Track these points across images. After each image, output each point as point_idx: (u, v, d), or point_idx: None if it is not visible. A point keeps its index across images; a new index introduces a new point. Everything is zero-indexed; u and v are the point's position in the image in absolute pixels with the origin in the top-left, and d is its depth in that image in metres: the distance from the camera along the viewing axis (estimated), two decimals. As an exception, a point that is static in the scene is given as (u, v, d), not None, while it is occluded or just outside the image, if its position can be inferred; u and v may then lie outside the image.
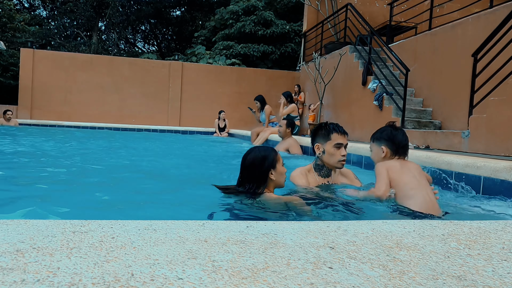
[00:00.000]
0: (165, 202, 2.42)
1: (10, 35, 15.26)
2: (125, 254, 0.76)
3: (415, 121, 6.25)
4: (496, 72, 4.55)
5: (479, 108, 4.65)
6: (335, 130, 2.60)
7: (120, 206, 2.27)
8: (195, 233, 0.95)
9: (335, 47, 9.18)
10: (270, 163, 2.18)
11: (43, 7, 22.59)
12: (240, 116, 12.08)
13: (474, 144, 4.37)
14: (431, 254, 0.87)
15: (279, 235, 0.96)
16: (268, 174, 2.18)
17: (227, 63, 13.82)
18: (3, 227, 0.91)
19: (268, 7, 16.08)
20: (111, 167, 3.95)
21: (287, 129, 5.63)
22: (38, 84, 11.48)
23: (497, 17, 5.17)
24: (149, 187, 2.94)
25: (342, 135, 2.60)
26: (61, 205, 2.18)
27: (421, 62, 7.08)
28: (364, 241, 0.95)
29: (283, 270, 0.72)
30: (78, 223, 0.98)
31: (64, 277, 0.64)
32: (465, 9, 6.91)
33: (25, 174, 3.27)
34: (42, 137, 7.29)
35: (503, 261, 0.85)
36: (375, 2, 10.51)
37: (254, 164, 2.18)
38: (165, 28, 24.30)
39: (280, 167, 2.24)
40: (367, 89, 7.36)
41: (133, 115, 12.03)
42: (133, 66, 12.24)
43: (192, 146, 7.35)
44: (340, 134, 2.59)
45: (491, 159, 3.02)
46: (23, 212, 1.94)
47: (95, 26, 20.48)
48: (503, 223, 1.24)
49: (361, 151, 4.21)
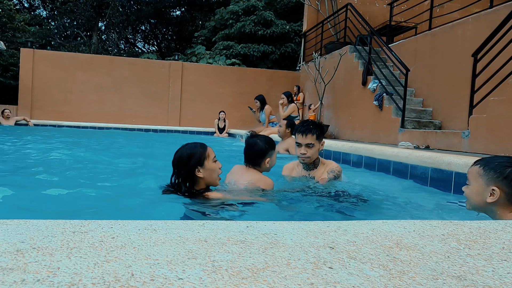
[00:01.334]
0: (165, 202, 2.42)
1: (10, 35, 15.26)
2: (125, 254, 0.76)
3: (415, 121, 6.25)
4: (496, 72, 4.55)
5: (479, 108, 4.65)
6: (297, 130, 2.88)
7: (120, 206, 2.27)
8: (195, 233, 0.95)
9: (335, 47, 9.18)
10: (196, 160, 2.07)
11: (43, 7, 22.59)
12: (240, 116, 12.09)
13: (474, 144, 4.38)
14: (431, 254, 0.87)
15: (279, 235, 0.96)
16: (194, 172, 2.08)
17: (227, 63, 13.82)
18: (3, 227, 0.91)
19: (268, 7, 16.08)
20: (111, 167, 3.95)
21: (286, 129, 5.62)
22: (38, 84, 11.48)
23: (497, 17, 5.17)
24: (149, 187, 2.94)
25: (301, 135, 2.83)
26: (61, 205, 2.18)
27: (421, 62, 7.08)
28: (364, 241, 0.95)
29: (283, 270, 0.72)
30: (78, 223, 0.98)
31: (64, 277, 0.64)
32: (465, 9, 6.91)
33: (25, 174, 3.27)
34: (42, 137, 7.29)
35: (503, 261, 0.85)
36: (375, 2, 10.52)
37: (180, 161, 2.10)
38: (165, 28, 24.31)
39: (210, 164, 2.12)
40: (367, 89, 7.36)
41: (133, 115, 12.03)
42: (133, 66, 12.24)
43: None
44: (299, 134, 2.83)
45: (491, 159, 3.01)
46: (23, 212, 1.94)
47: (95, 26, 20.48)
48: (503, 223, 1.24)
49: (361, 151, 4.21)
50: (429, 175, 3.14)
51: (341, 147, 4.66)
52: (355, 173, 3.90)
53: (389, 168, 3.66)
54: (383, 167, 3.75)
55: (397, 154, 3.58)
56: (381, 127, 6.75)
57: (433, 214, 2.30)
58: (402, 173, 3.45)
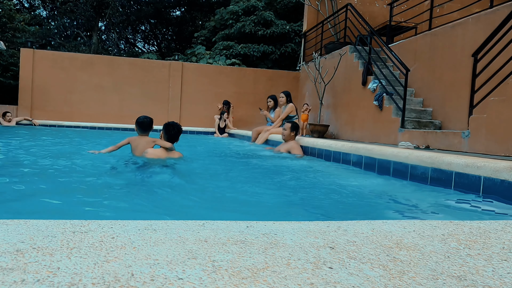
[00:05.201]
0: (164, 202, 2.42)
1: (10, 35, 15.25)
2: (125, 254, 0.76)
3: (415, 121, 6.25)
4: (496, 72, 4.55)
5: (479, 108, 4.65)
6: None
7: (120, 206, 2.27)
8: (195, 233, 0.95)
9: (335, 47, 9.18)
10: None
11: (43, 7, 22.58)
12: (240, 116, 12.09)
13: (474, 144, 4.38)
14: (431, 254, 0.87)
15: (279, 235, 0.96)
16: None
17: (227, 63, 13.82)
18: (3, 227, 0.91)
19: (268, 7, 16.08)
20: (110, 167, 3.95)
21: (291, 132, 5.65)
22: (38, 84, 11.48)
23: (497, 17, 5.17)
24: (148, 186, 2.94)
25: None
26: (61, 205, 2.18)
27: (421, 62, 7.08)
28: (364, 241, 0.95)
29: (283, 270, 0.72)
30: (78, 223, 0.98)
31: (64, 277, 0.64)
32: (465, 9, 6.91)
33: (25, 174, 3.27)
34: (43, 137, 7.29)
35: (503, 261, 0.85)
36: (375, 2, 10.52)
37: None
38: (165, 28, 24.30)
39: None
40: (367, 89, 7.36)
41: (133, 115, 11.95)
42: (133, 66, 12.24)
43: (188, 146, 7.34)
44: None
45: (491, 159, 3.02)
46: (23, 212, 1.94)
47: (95, 26, 20.48)
48: (503, 223, 1.24)
49: (361, 151, 4.21)
50: (429, 175, 3.14)
51: (341, 147, 4.66)
52: (355, 173, 3.90)
53: (389, 168, 3.66)
54: (383, 167, 3.75)
55: (397, 154, 3.58)
56: (381, 127, 6.74)
57: (433, 214, 2.30)
58: (402, 173, 3.45)
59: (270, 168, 4.28)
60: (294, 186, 3.17)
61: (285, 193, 2.82)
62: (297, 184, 3.29)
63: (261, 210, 2.18)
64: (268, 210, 2.20)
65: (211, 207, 2.28)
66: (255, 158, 5.18)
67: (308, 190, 3.00)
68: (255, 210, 2.18)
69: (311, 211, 2.26)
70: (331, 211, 2.24)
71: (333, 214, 2.18)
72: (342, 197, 2.72)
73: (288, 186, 3.15)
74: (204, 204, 2.34)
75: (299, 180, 3.48)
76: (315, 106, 9.11)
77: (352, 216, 2.16)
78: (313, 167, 4.38)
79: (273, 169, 4.14)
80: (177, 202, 2.43)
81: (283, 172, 3.89)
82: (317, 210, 2.27)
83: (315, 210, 2.27)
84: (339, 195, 2.80)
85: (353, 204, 2.50)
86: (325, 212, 2.22)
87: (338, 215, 2.17)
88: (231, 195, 2.67)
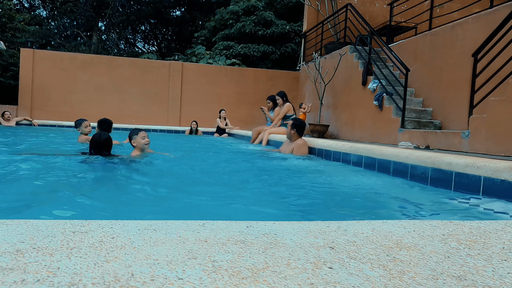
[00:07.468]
0: (165, 201, 2.42)
1: (10, 35, 15.25)
2: (125, 254, 0.76)
3: (415, 121, 6.25)
4: (496, 72, 4.55)
5: (479, 108, 4.65)
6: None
7: (120, 206, 2.27)
8: (195, 233, 0.95)
9: (335, 47, 9.18)
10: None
11: (43, 7, 22.58)
12: (240, 116, 12.10)
13: (474, 144, 4.38)
14: (431, 254, 0.87)
15: (279, 235, 0.96)
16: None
17: (227, 63, 13.82)
18: (3, 227, 0.91)
19: (268, 7, 16.08)
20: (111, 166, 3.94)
21: (292, 130, 5.63)
22: (38, 84, 11.48)
23: (497, 17, 5.17)
24: (148, 186, 2.94)
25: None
26: (61, 205, 2.18)
27: (421, 62, 7.08)
28: (364, 241, 0.95)
29: (283, 270, 0.72)
30: (78, 223, 0.98)
31: (64, 277, 0.64)
32: (465, 9, 6.91)
33: (25, 174, 3.27)
34: (43, 136, 7.29)
35: (503, 261, 0.85)
36: (375, 2, 10.52)
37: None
38: (165, 28, 24.31)
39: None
40: (367, 89, 7.36)
41: (133, 115, 12.03)
42: (133, 66, 12.24)
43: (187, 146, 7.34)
44: None
45: (491, 159, 3.02)
46: (23, 212, 1.93)
47: (95, 26, 20.48)
48: (503, 223, 1.24)
49: (361, 151, 4.21)
50: (429, 175, 3.14)
51: (341, 147, 4.66)
52: (355, 173, 3.90)
53: (389, 168, 3.66)
54: (383, 167, 3.75)
55: (397, 154, 3.58)
56: (381, 127, 6.75)
57: (433, 214, 2.30)
58: (402, 173, 3.45)
59: (270, 168, 4.28)
60: (294, 186, 3.17)
61: (285, 193, 2.83)
62: (297, 184, 3.29)
63: (261, 210, 2.18)
64: (268, 210, 2.20)
65: (210, 207, 2.28)
66: (255, 158, 5.18)
67: (308, 190, 3.00)
68: (255, 210, 2.18)
69: (311, 211, 2.26)
70: (331, 211, 2.24)
71: (333, 214, 2.18)
72: (342, 197, 2.72)
73: (288, 186, 3.15)
74: (204, 204, 2.35)
75: (299, 180, 3.48)
76: (315, 106, 9.11)
77: (352, 216, 2.16)
78: (313, 167, 4.38)
79: (272, 169, 4.14)
80: (177, 202, 2.43)
81: (282, 172, 3.89)
82: (317, 210, 2.27)
83: (315, 210, 2.27)
84: (339, 195, 2.81)
85: (353, 204, 2.50)
86: (325, 212, 2.22)
87: (338, 215, 2.17)
88: (231, 195, 2.67)
